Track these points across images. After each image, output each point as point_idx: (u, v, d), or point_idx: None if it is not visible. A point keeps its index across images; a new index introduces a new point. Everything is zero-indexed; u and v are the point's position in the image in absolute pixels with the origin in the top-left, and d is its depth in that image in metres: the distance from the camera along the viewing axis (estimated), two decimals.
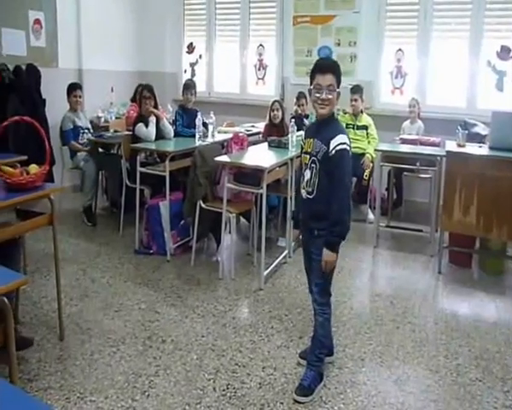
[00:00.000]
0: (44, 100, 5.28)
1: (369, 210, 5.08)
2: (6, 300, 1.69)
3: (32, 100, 5.13)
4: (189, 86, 4.70)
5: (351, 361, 2.59)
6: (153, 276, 3.60)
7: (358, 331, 2.90)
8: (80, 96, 5.03)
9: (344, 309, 3.17)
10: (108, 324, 2.90)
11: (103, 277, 3.55)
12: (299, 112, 5.21)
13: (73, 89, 5.00)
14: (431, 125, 5.14)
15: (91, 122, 5.35)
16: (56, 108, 5.11)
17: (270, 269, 3.60)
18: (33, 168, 2.71)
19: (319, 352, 2.38)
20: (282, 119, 4.77)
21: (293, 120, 4.12)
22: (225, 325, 2.91)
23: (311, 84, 2.23)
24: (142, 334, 2.79)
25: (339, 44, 5.76)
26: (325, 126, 2.22)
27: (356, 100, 5.03)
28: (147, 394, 2.28)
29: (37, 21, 5.41)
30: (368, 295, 3.47)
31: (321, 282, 2.31)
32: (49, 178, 3.84)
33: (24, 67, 5.14)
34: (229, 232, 3.77)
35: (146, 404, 2.21)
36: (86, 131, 5.06)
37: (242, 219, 4.55)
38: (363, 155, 4.94)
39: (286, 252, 3.93)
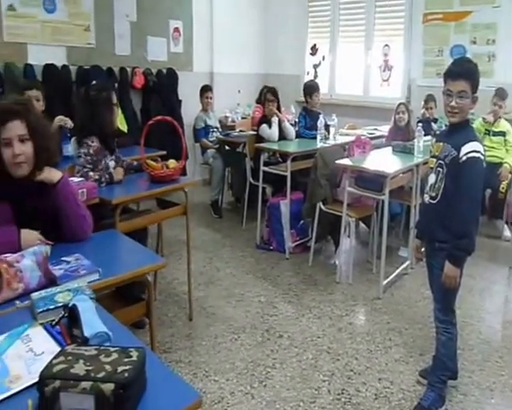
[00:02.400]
0: (180, 101, 5.80)
1: (506, 226, 4.65)
2: (149, 278, 1.89)
3: (170, 101, 5.66)
4: (316, 88, 4.75)
5: (477, 390, 2.41)
6: (272, 271, 3.73)
7: (487, 359, 2.68)
8: (211, 98, 5.39)
9: (471, 332, 2.95)
10: (230, 311, 3.09)
11: (227, 267, 3.78)
12: (427, 115, 4.95)
13: (205, 90, 5.37)
14: None
15: (220, 122, 5.67)
16: (190, 109, 5.56)
17: (389, 279, 3.51)
18: (172, 163, 2.98)
19: (441, 373, 2.26)
20: (408, 122, 4.58)
21: (420, 124, 3.93)
22: (341, 330, 2.91)
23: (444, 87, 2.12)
24: (260, 326, 2.93)
25: (474, 43, 5.33)
26: (457, 132, 2.10)
27: (500, 106, 4.61)
28: (264, 383, 2.39)
29: (176, 30, 5.93)
30: (500, 321, 3.18)
31: (442, 298, 2.20)
32: (184, 172, 4.17)
33: (164, 71, 5.70)
34: (348, 236, 3.75)
35: (263, 393, 2.32)
36: (215, 130, 5.39)
37: (362, 224, 4.48)
38: (499, 164, 4.53)
39: (408, 263, 3.79)
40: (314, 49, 6.84)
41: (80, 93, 3.22)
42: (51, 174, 1.83)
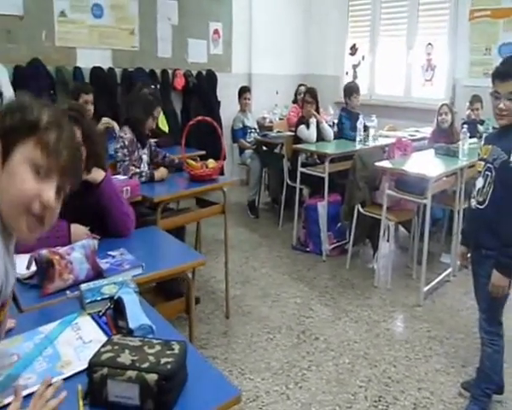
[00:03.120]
0: (219, 102, 5.87)
1: None
2: (190, 275, 1.93)
3: (209, 102, 5.75)
4: (355, 89, 4.70)
5: None
6: (308, 273, 3.72)
7: None
8: (249, 99, 5.43)
9: None
10: (266, 311, 3.10)
11: (263, 267, 3.80)
12: (473, 117, 4.80)
13: (244, 92, 5.41)
14: None
15: (257, 123, 5.71)
16: (229, 110, 5.62)
17: (430, 285, 3.43)
18: (211, 163, 3.03)
19: (486, 386, 2.17)
20: (452, 124, 4.45)
21: (465, 125, 3.81)
22: (379, 336, 2.87)
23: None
24: (296, 327, 2.92)
25: None
26: (507, 134, 2.00)
27: None
28: (299, 385, 2.39)
29: (216, 31, 6.01)
30: None
31: (488, 308, 2.12)
32: (222, 171, 4.23)
33: (204, 73, 5.79)
34: (387, 240, 3.69)
35: (298, 394, 2.32)
36: (253, 130, 5.43)
37: (402, 229, 4.39)
38: None
39: (450, 270, 3.68)
40: (354, 49, 6.76)
41: (134, 94, 3.32)
42: (95, 174, 1.91)
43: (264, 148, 5.25)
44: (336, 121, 4.94)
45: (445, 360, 2.65)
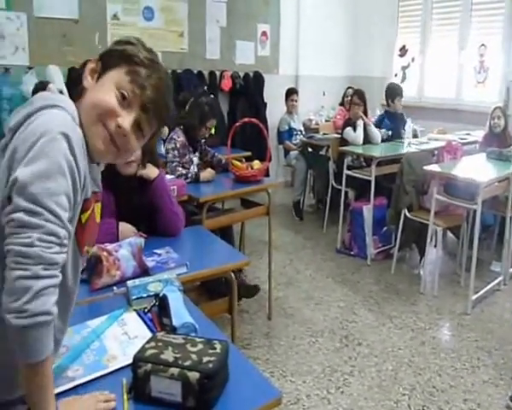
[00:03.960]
0: (266, 103, 5.89)
1: None
2: (233, 275, 1.95)
3: (256, 103, 5.78)
4: (399, 93, 4.59)
5: None
6: (352, 277, 3.66)
7: None
8: (296, 100, 5.41)
9: None
10: (309, 314, 3.08)
11: (307, 269, 3.77)
12: None
13: (290, 93, 5.41)
14: None
15: (304, 124, 5.68)
16: (275, 111, 5.63)
17: (479, 294, 3.29)
18: (256, 164, 3.04)
19: None
20: (505, 128, 4.26)
21: None
22: (424, 343, 2.79)
23: None
24: (339, 331, 2.89)
25: None
26: None
27: None
28: (341, 390, 2.36)
29: (263, 33, 6.03)
30: None
31: None
32: (267, 173, 4.24)
33: (251, 74, 5.83)
34: (435, 246, 3.57)
35: (339, 399, 2.29)
36: (299, 132, 5.41)
37: (450, 234, 4.24)
38: None
39: (500, 278, 3.52)
40: (403, 51, 6.58)
41: (197, 94, 3.40)
42: (150, 171, 1.97)
43: (310, 149, 5.22)
44: (376, 123, 4.83)
45: (494, 372, 2.54)
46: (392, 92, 4.60)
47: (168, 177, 2.55)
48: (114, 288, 1.53)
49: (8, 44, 4.25)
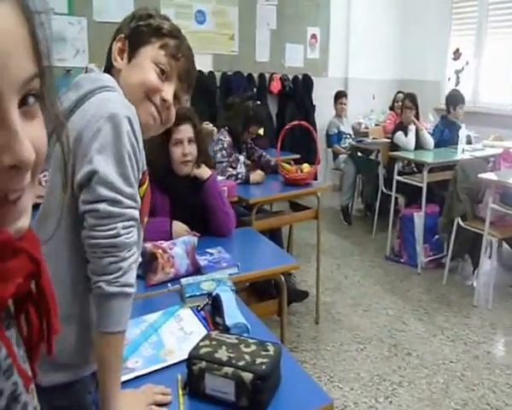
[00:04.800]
0: (314, 106, 5.85)
1: None
2: (283, 277, 1.94)
3: (304, 106, 5.76)
4: (461, 100, 4.42)
5: None
6: (401, 285, 3.57)
7: None
8: (345, 104, 5.35)
9: None
10: (357, 320, 3.03)
11: (355, 275, 3.72)
12: None
13: (340, 96, 5.35)
14: None
15: (353, 128, 5.60)
16: (323, 114, 5.59)
17: None
18: (306, 167, 3.02)
19: None
20: None
21: None
22: (477, 358, 2.67)
23: None
24: (388, 340, 2.82)
25: None
26: None
27: None
28: (389, 400, 2.30)
29: (313, 36, 6.01)
30: None
31: None
32: (315, 176, 4.21)
33: (300, 77, 5.81)
34: (489, 257, 3.42)
35: (388, 409, 2.23)
36: (348, 136, 5.34)
37: (505, 245, 4.05)
38: None
39: None
40: (457, 54, 6.33)
41: (244, 97, 3.44)
42: (203, 171, 2.01)
43: (359, 154, 5.14)
44: (432, 130, 4.69)
45: None
46: (454, 100, 4.44)
47: (219, 178, 2.58)
48: (169, 285, 1.56)
49: (69, 47, 4.50)
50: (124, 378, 1.08)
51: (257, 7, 5.52)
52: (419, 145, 4.30)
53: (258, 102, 3.41)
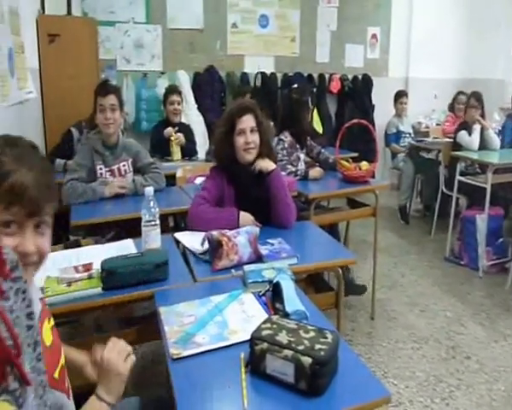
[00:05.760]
0: (374, 105, 5.81)
1: None
2: (340, 271, 1.97)
3: (363, 105, 5.72)
4: None
5: None
6: (461, 288, 3.47)
7: None
8: (406, 103, 5.27)
9: None
10: (413, 319, 3.00)
11: (412, 274, 3.66)
12: None
13: (400, 96, 5.28)
14: None
15: (413, 127, 5.48)
16: (382, 113, 5.52)
17: None
18: (364, 165, 3.02)
19: None
20: None
21: None
22: None
23: None
24: (445, 341, 2.77)
25: None
26: None
27: None
28: (446, 402, 2.27)
29: (373, 36, 5.98)
30: None
31: None
32: (373, 174, 4.18)
33: (360, 77, 5.78)
34: None
35: None
36: (407, 135, 5.24)
37: None
38: None
39: None
40: None
41: (284, 94, 3.55)
42: (267, 164, 2.08)
43: (419, 153, 5.03)
44: (499, 129, 4.51)
45: None
46: None
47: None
48: (232, 270, 1.64)
49: (145, 53, 4.90)
50: (191, 352, 1.18)
51: (318, 9, 5.58)
52: (483, 145, 4.15)
53: (295, 85, 3.51)
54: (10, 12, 2.48)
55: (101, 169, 2.59)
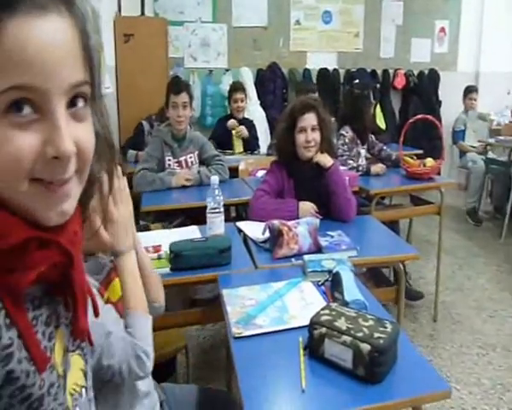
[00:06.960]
0: (440, 101, 5.59)
1: None
2: (401, 265, 1.93)
3: (430, 101, 5.53)
4: None
5: None
6: None
7: None
8: (475, 99, 5.01)
9: None
10: (479, 324, 2.86)
11: (479, 277, 3.49)
12: None
13: (469, 91, 5.03)
14: None
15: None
16: (450, 109, 5.29)
17: None
18: (429, 162, 2.93)
19: None
20: None
21: None
22: None
23: None
24: None
25: None
26: None
27: None
28: None
29: (441, 29, 5.75)
30: None
31: None
32: (438, 172, 4.04)
33: (426, 72, 5.59)
34: None
35: None
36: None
37: None
38: None
39: None
40: None
41: (346, 90, 3.51)
42: (326, 159, 2.10)
43: (490, 152, 4.79)
44: None
45: None
46: None
47: (341, 168, 2.64)
48: (292, 259, 1.67)
49: (211, 51, 5.06)
50: (252, 332, 1.22)
51: (383, 4, 5.48)
52: None
53: (356, 81, 3.45)
54: (93, 13, 2.67)
55: (169, 160, 2.72)
